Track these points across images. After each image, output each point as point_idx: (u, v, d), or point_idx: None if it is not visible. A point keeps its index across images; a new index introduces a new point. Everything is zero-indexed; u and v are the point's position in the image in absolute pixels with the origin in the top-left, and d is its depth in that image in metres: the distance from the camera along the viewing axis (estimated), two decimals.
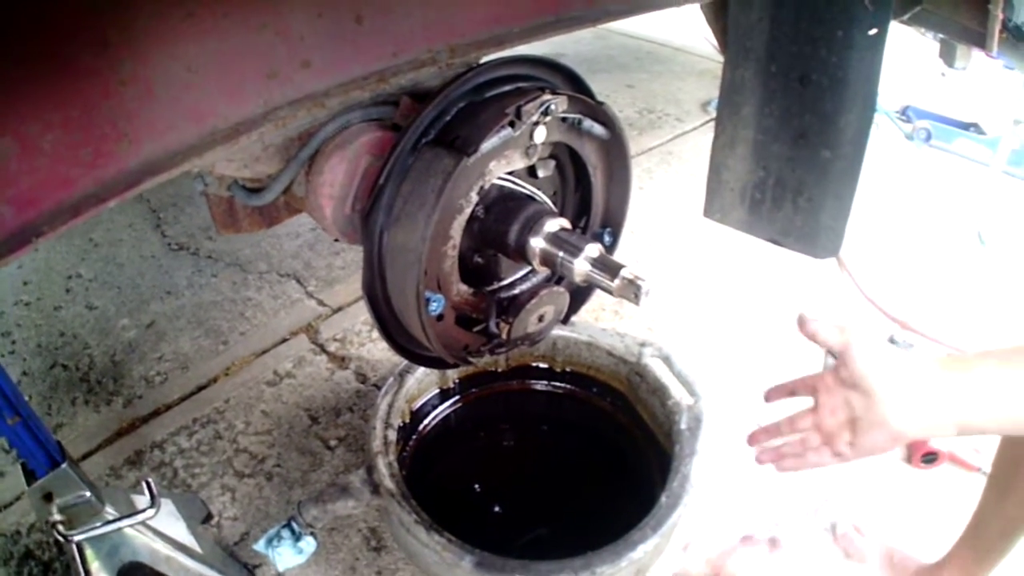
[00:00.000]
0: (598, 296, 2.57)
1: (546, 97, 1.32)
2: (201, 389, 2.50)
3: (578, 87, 1.51)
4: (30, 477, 1.46)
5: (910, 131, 4.07)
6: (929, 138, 3.99)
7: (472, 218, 1.38)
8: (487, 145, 1.29)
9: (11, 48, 0.91)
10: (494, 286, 1.57)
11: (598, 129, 1.46)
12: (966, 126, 3.97)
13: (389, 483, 1.77)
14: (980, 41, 2.47)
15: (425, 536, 1.68)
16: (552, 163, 1.52)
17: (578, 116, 1.42)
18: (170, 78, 1.10)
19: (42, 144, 0.98)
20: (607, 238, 1.67)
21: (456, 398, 2.27)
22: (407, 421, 2.08)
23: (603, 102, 1.46)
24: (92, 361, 2.60)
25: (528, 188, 1.47)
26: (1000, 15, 2.13)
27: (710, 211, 2.16)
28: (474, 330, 1.51)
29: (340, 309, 2.82)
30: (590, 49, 5.20)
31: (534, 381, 2.33)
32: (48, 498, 1.47)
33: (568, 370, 2.30)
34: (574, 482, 2.18)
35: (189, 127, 1.15)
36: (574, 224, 1.60)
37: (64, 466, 1.45)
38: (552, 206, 1.52)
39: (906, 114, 4.17)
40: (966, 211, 3.29)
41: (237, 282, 2.96)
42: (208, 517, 2.07)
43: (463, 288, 1.46)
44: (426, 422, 2.21)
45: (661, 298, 2.86)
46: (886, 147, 3.91)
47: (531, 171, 1.48)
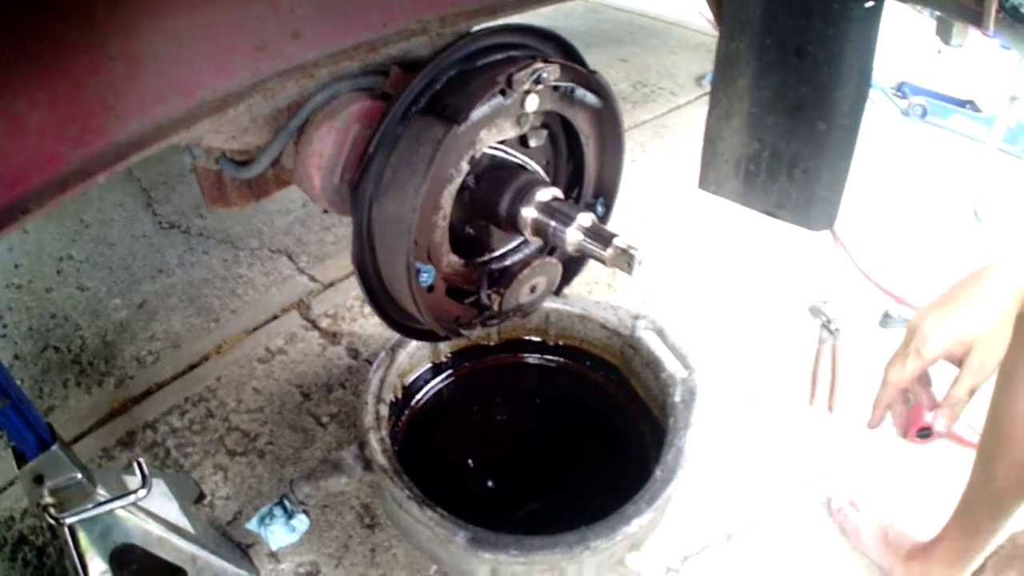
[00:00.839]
0: (591, 269, 2.57)
1: (538, 65, 1.30)
2: (193, 368, 2.48)
3: (570, 56, 1.49)
4: (20, 460, 1.44)
5: (906, 107, 4.04)
6: (925, 114, 3.96)
7: (463, 188, 1.36)
8: (477, 114, 1.27)
9: None
10: (485, 257, 1.55)
11: (590, 98, 1.44)
12: (962, 103, 3.95)
13: (381, 459, 1.76)
14: (976, 19, 2.44)
15: (418, 512, 1.67)
16: (544, 133, 1.48)
17: (570, 85, 1.39)
18: (159, 52, 1.08)
19: (29, 121, 0.97)
20: (600, 208, 1.65)
21: (448, 372, 2.25)
22: (399, 396, 2.06)
23: (595, 71, 1.43)
24: (84, 342, 2.58)
25: (520, 157, 1.45)
26: None
27: (705, 183, 2.14)
28: (465, 302, 1.49)
29: (331, 285, 2.80)
30: (583, 23, 5.16)
31: (527, 354, 2.32)
32: (39, 480, 1.45)
33: (561, 343, 2.28)
34: (568, 456, 2.17)
35: (178, 100, 1.13)
36: (566, 194, 1.58)
37: (54, 448, 1.44)
38: (544, 176, 1.49)
39: (902, 90, 4.15)
40: (962, 188, 3.28)
41: (228, 259, 2.94)
42: (201, 497, 2.06)
43: (454, 259, 1.44)
44: (418, 397, 2.20)
45: (655, 271, 2.85)
46: (882, 123, 3.90)
47: (523, 140, 1.45)
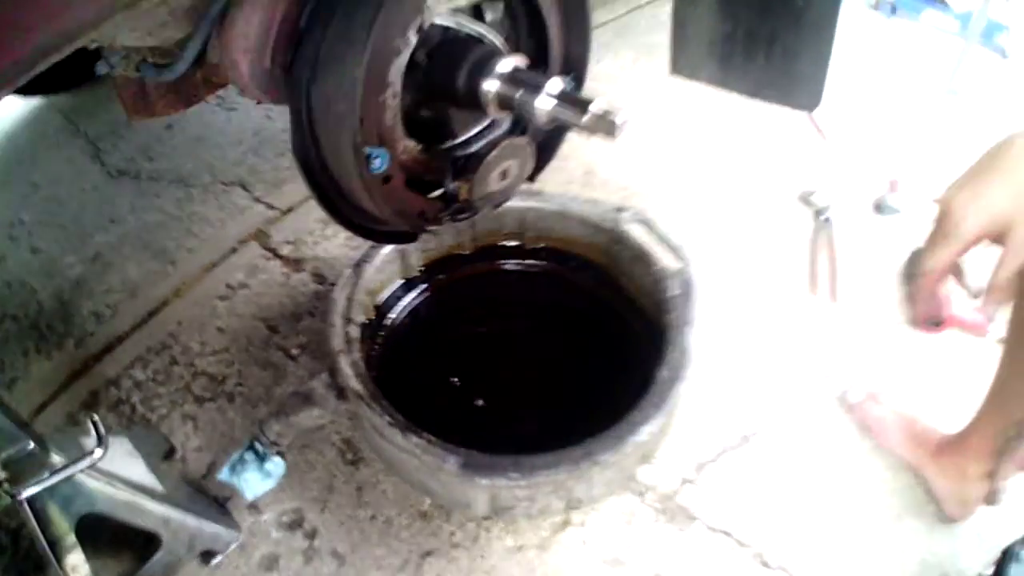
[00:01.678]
0: (565, 168, 2.46)
1: None
2: (152, 315, 2.35)
3: None
4: None
5: (875, 3, 3.91)
6: (895, 10, 3.83)
7: (414, 65, 1.19)
8: None
9: None
10: (448, 144, 1.38)
11: None
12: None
13: (355, 384, 1.60)
14: None
15: (401, 439, 1.52)
16: (500, 5, 1.33)
17: None
18: None
19: None
20: (570, 84, 1.49)
21: (422, 287, 2.09)
22: (372, 317, 1.91)
23: None
24: (40, 306, 2.45)
25: (475, 28, 1.27)
26: None
27: (677, 67, 2.07)
28: (431, 196, 1.33)
29: (291, 210, 2.67)
30: None
31: (504, 261, 2.16)
32: None
33: (541, 246, 2.12)
34: (560, 367, 2.02)
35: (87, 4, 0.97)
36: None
37: None
38: (503, 46, 1.33)
39: None
40: (938, 77, 3.20)
41: (181, 198, 2.80)
42: (171, 451, 1.93)
43: (411, 145, 1.26)
44: (392, 316, 2.04)
45: (631, 166, 2.75)
46: (850, 18, 3.75)
47: (477, 13, 1.30)
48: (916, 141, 2.67)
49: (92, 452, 1.37)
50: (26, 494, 1.33)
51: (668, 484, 1.87)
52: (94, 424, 1.40)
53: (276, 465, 1.80)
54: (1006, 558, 1.50)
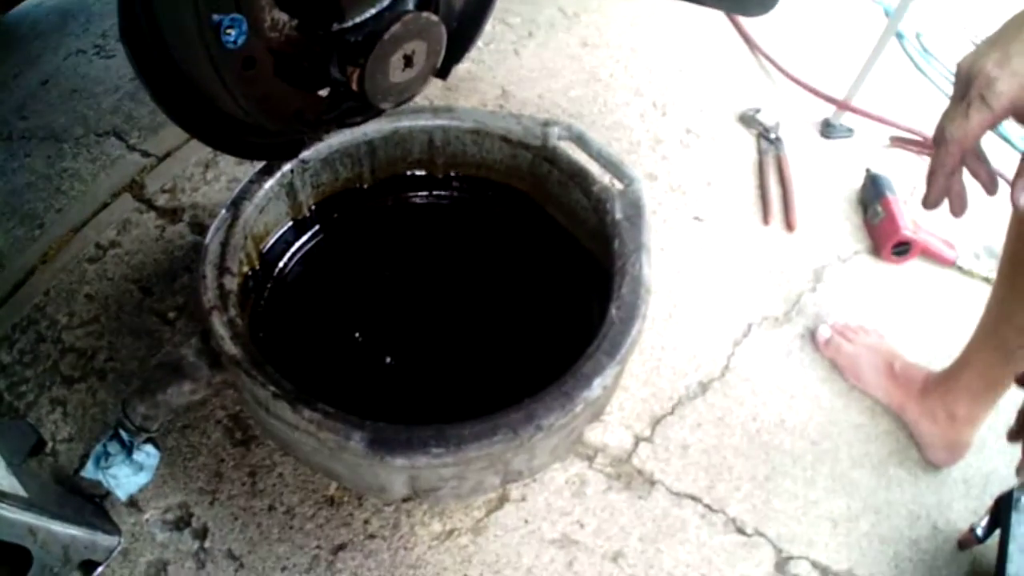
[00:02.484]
0: (477, 89, 2.28)
1: None
2: (18, 288, 2.12)
3: None
4: None
5: None
6: None
7: None
8: None
9: None
10: (336, 28, 1.07)
11: None
12: None
13: (230, 347, 1.28)
14: None
15: (291, 415, 1.20)
16: None
17: None
18: None
19: None
20: None
21: (315, 229, 1.77)
22: (255, 267, 1.59)
23: None
24: None
25: None
26: None
27: None
28: (312, 90, 1.02)
29: (168, 155, 2.44)
30: None
31: (411, 194, 1.86)
32: None
33: (453, 174, 1.83)
34: (486, 315, 1.74)
35: None
36: None
37: None
38: None
39: None
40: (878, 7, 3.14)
41: (52, 155, 2.55)
42: (40, 445, 1.66)
43: (282, 17, 0.94)
44: (281, 265, 1.72)
45: (553, 86, 2.58)
46: None
47: None
48: (859, 66, 2.50)
49: None
50: None
51: (620, 445, 1.70)
52: None
53: (148, 455, 1.52)
54: (1004, 506, 1.45)
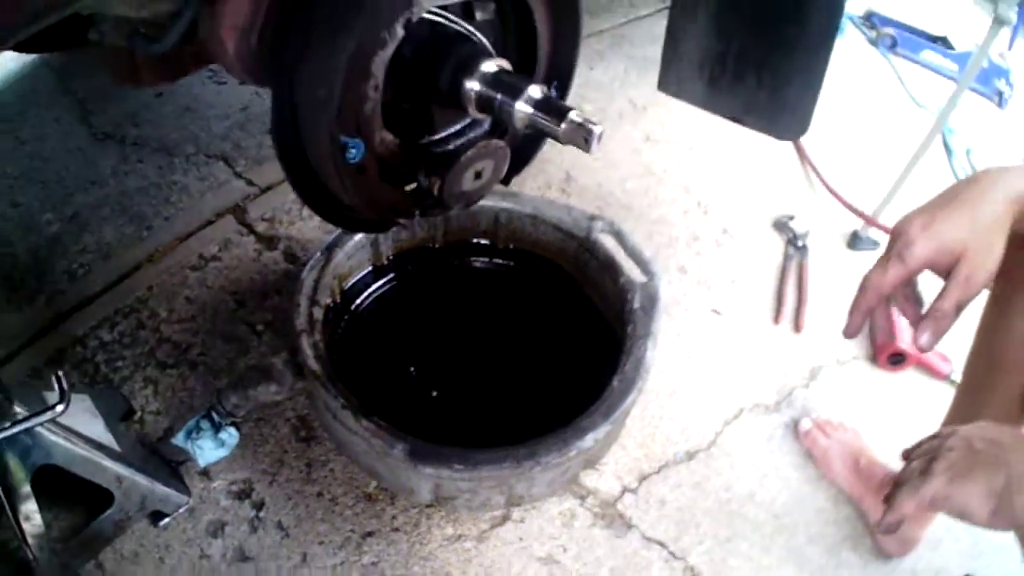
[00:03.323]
0: (544, 173, 2.46)
1: None
2: (123, 278, 2.34)
3: None
4: None
5: (874, 37, 3.94)
6: (894, 46, 3.86)
7: (399, 58, 1.21)
8: None
9: None
10: (426, 140, 1.40)
11: None
12: (933, 39, 3.85)
13: (313, 364, 1.62)
14: None
15: (352, 422, 1.54)
16: (492, 6, 1.35)
17: None
18: None
19: None
20: (554, 92, 1.51)
21: (390, 276, 2.10)
22: (337, 300, 1.92)
23: None
24: (15, 260, 2.42)
25: (464, 26, 1.30)
26: None
27: (665, 84, 2.05)
28: (405, 190, 1.35)
29: (270, 188, 2.66)
30: None
31: (474, 258, 2.17)
32: None
33: (511, 247, 2.14)
34: (518, 367, 2.04)
35: None
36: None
37: None
38: (490, 47, 1.35)
39: (871, 20, 4.03)
40: (932, 119, 3.12)
41: (163, 167, 2.77)
42: (130, 413, 1.94)
43: (388, 137, 1.29)
44: (358, 302, 2.05)
45: (611, 175, 2.76)
46: (850, 52, 3.78)
47: (467, 11, 1.32)
48: (901, 182, 2.64)
49: (54, 407, 1.38)
50: None
51: (610, 491, 1.89)
52: (58, 380, 1.40)
53: (231, 435, 1.83)
54: None
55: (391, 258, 2.06)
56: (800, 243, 2.55)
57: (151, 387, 2.03)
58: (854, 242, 2.62)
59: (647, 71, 3.13)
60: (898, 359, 2.21)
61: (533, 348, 2.08)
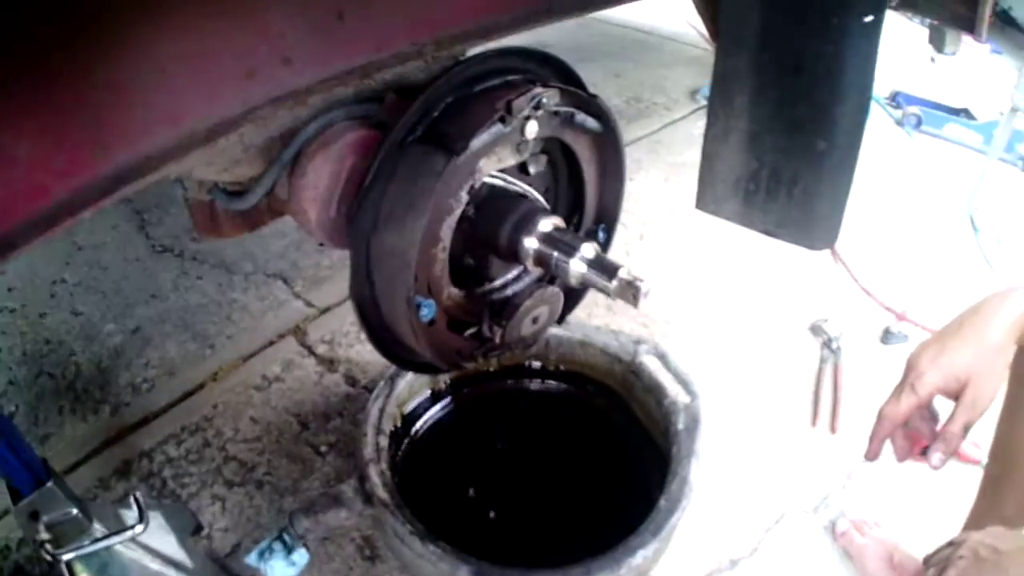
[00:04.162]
0: (590, 293, 2.53)
1: (537, 90, 1.27)
2: (188, 395, 2.43)
3: (569, 79, 1.47)
4: (16, 496, 1.40)
5: (900, 117, 4.04)
6: (919, 124, 3.96)
7: (462, 219, 1.32)
8: (477, 142, 1.24)
9: None
10: (485, 288, 1.52)
11: (591, 123, 1.42)
12: (956, 112, 3.95)
13: (382, 492, 1.73)
14: (969, 26, 2.47)
15: (420, 547, 1.64)
16: (544, 158, 1.46)
17: (570, 110, 1.37)
18: (144, 81, 1.04)
19: (15, 153, 0.93)
20: (601, 235, 1.63)
21: (448, 400, 2.21)
22: (398, 425, 2.03)
23: (595, 95, 1.41)
24: (78, 369, 2.53)
25: (520, 185, 1.42)
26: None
27: (703, 203, 2.12)
28: (466, 334, 1.46)
29: (328, 310, 2.76)
30: (574, 39, 5.09)
31: (527, 380, 2.29)
32: (35, 516, 1.41)
33: (562, 368, 2.25)
34: (571, 485, 2.13)
35: (165, 131, 1.09)
36: (567, 221, 1.55)
37: (49, 484, 1.40)
38: (544, 204, 1.47)
39: (896, 100, 4.15)
40: (958, 197, 3.26)
41: (223, 284, 2.89)
42: (198, 529, 1.99)
43: (454, 291, 1.41)
44: (418, 426, 2.16)
45: (654, 292, 2.78)
46: (876, 133, 3.86)
47: (522, 168, 1.43)
48: (930, 269, 2.75)
49: (133, 526, 1.47)
50: (67, 558, 1.42)
51: None
52: (136, 500, 1.49)
53: (301, 556, 1.90)
54: None
55: (448, 383, 2.19)
56: (835, 345, 2.61)
57: (219, 504, 2.10)
58: (886, 337, 2.68)
59: (685, 175, 3.25)
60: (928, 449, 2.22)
61: (585, 465, 2.17)
